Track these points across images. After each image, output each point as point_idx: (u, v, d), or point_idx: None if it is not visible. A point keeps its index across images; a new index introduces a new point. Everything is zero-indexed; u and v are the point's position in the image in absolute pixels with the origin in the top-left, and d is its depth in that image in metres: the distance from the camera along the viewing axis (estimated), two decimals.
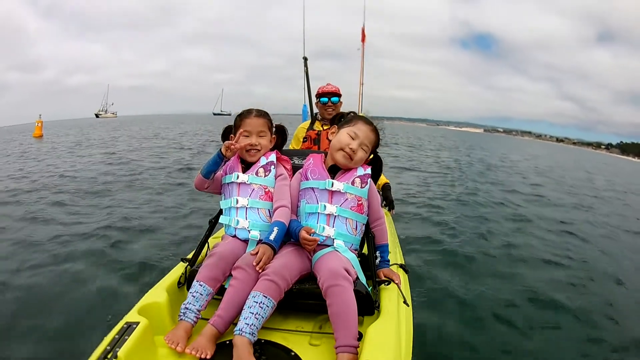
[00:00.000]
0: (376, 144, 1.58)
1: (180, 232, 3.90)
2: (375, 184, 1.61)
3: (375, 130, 1.57)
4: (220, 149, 1.52)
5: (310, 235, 1.38)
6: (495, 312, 2.56)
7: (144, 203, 5.11)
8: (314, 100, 2.91)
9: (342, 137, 1.51)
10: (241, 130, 1.58)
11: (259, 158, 1.59)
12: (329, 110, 2.71)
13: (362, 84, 4.07)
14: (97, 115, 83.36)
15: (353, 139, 1.50)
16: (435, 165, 11.87)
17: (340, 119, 1.63)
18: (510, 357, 2.14)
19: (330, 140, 1.58)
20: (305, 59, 3.40)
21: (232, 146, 1.50)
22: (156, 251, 3.33)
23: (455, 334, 2.26)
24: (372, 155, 1.61)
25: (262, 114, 1.63)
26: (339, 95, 2.72)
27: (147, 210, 4.72)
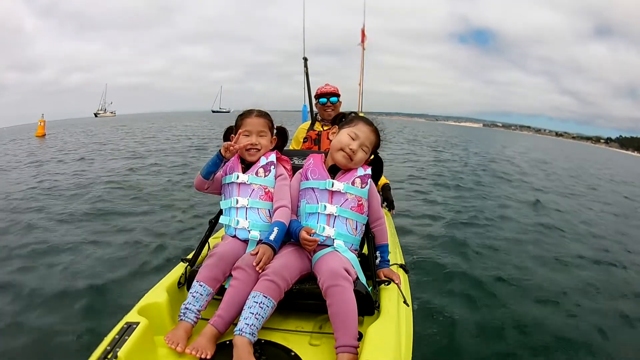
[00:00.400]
0: (377, 144, 1.58)
1: (180, 232, 3.91)
2: (376, 184, 1.61)
3: (376, 131, 1.57)
4: (220, 150, 1.52)
5: (310, 235, 1.38)
6: (495, 312, 2.56)
7: (144, 203, 5.11)
8: (314, 100, 2.91)
9: (343, 137, 1.51)
10: (241, 130, 1.58)
11: (259, 158, 1.59)
12: (328, 110, 2.71)
13: (361, 84, 4.07)
14: (96, 115, 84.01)
15: (353, 139, 1.50)
16: (431, 161, 11.93)
17: (342, 119, 1.63)
18: (510, 357, 2.14)
19: (330, 140, 1.58)
20: (305, 60, 3.40)
21: (232, 147, 1.50)
22: (156, 251, 3.33)
23: (455, 334, 2.26)
24: (372, 156, 1.61)
25: (263, 114, 1.63)
26: (338, 95, 2.72)
27: (147, 210, 4.73)
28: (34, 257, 3.16)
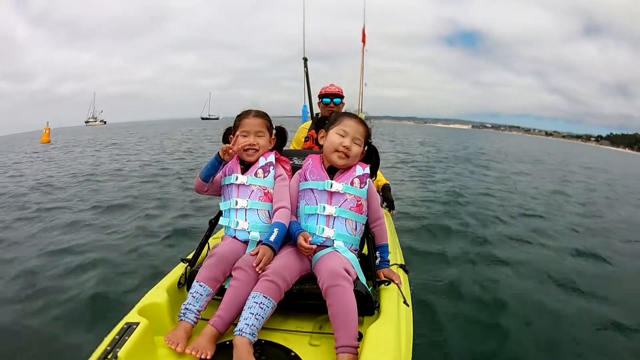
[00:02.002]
0: (367, 134, 1.58)
1: (180, 232, 3.91)
2: (375, 174, 1.60)
3: (362, 122, 1.56)
4: (218, 152, 1.52)
5: (308, 241, 1.38)
6: (495, 312, 2.56)
7: (144, 202, 5.11)
8: (314, 100, 2.91)
9: (333, 138, 1.51)
10: (240, 130, 1.58)
11: (258, 159, 1.59)
12: (330, 111, 2.72)
13: (362, 84, 4.07)
14: (86, 123, 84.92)
15: (343, 136, 1.50)
16: (423, 162, 12.04)
17: (324, 122, 1.63)
18: (510, 356, 2.14)
19: (321, 146, 1.57)
20: (305, 60, 3.41)
21: (230, 150, 1.51)
22: (156, 251, 3.33)
23: (455, 334, 2.26)
24: (366, 147, 1.60)
25: (261, 115, 1.63)
26: (342, 97, 2.73)
27: (147, 211, 4.72)
28: (33, 257, 3.15)
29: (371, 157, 1.61)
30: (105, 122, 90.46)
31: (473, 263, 3.42)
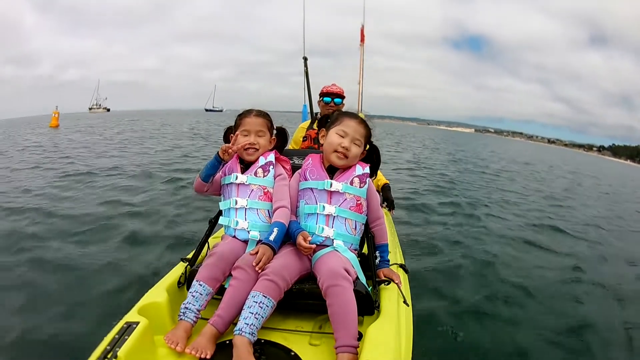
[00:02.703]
0: (368, 134, 1.56)
1: (180, 232, 3.90)
2: (376, 174, 1.59)
3: (363, 122, 1.55)
4: (218, 152, 1.52)
5: (307, 241, 1.37)
6: (495, 311, 2.56)
7: (143, 202, 5.11)
8: (314, 99, 2.91)
9: (332, 138, 1.50)
10: (240, 129, 1.58)
11: (258, 158, 1.59)
12: (330, 110, 2.71)
13: (361, 83, 4.07)
14: (90, 110, 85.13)
15: (343, 137, 1.49)
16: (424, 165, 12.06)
17: (327, 121, 1.62)
18: (510, 356, 2.14)
19: (322, 145, 1.57)
20: (305, 59, 3.41)
21: (230, 149, 1.51)
22: (156, 251, 3.33)
23: (455, 334, 2.25)
24: (367, 146, 1.59)
25: (262, 114, 1.63)
26: (343, 97, 2.73)
27: (147, 210, 4.72)
28: (32, 257, 3.15)
29: (372, 156, 1.60)
30: (108, 110, 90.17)
31: (473, 263, 3.42)
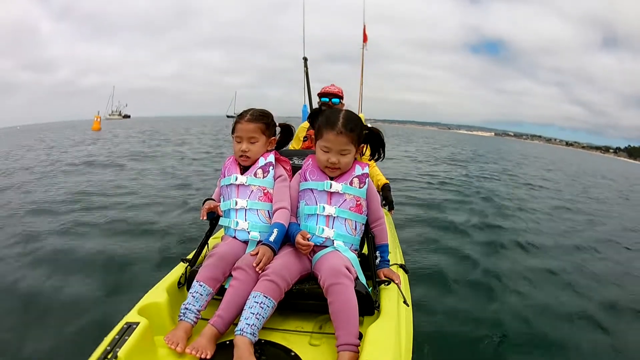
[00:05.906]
0: (355, 136, 1.45)
1: (180, 232, 3.90)
2: (383, 156, 1.58)
3: (343, 130, 1.42)
4: (200, 215, 1.56)
5: (306, 239, 1.37)
6: (496, 311, 2.56)
7: (143, 203, 5.11)
8: (314, 99, 2.92)
9: (319, 155, 1.48)
10: (234, 135, 1.59)
11: (255, 161, 1.58)
12: None
13: (362, 84, 4.07)
14: (109, 116, 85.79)
15: (327, 152, 1.46)
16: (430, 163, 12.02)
17: (316, 115, 1.55)
18: (511, 356, 2.14)
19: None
20: (305, 60, 3.41)
21: (207, 209, 1.56)
22: (156, 251, 3.33)
23: (455, 334, 2.26)
24: (366, 131, 1.53)
25: (255, 118, 1.58)
26: (340, 97, 2.74)
27: (146, 210, 4.72)
28: (32, 257, 3.15)
29: (373, 140, 1.56)
30: (128, 116, 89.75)
31: (474, 263, 3.42)
